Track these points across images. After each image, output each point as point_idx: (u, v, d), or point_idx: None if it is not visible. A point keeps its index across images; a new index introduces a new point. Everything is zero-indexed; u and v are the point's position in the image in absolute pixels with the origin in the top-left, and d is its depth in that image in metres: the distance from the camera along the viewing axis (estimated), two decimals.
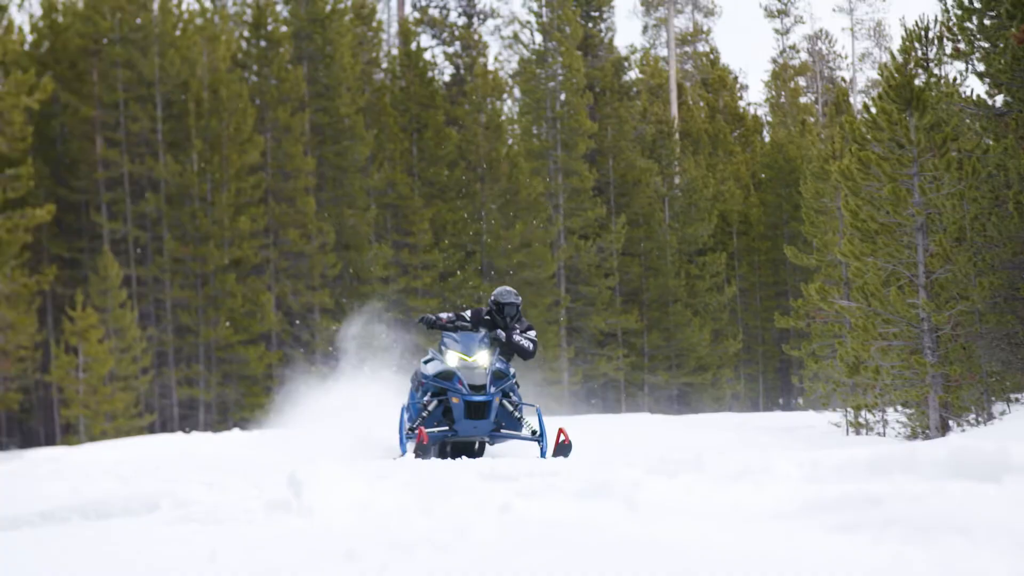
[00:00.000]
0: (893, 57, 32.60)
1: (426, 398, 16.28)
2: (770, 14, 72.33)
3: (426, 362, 16.82)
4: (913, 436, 28.72)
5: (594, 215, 52.35)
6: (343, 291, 47.36)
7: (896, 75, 30.24)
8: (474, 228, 49.90)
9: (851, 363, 29.13)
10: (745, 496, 4.89)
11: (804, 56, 71.06)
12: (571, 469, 7.61)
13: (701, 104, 66.31)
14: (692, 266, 55.68)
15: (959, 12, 28.43)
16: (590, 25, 58.02)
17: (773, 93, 70.98)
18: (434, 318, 17.09)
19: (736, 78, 69.08)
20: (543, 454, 15.77)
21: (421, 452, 15.16)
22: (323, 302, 46.17)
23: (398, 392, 20.18)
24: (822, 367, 35.97)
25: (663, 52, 68.42)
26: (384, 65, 55.58)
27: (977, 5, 28.28)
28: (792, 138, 61.43)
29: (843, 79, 71.41)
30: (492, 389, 16.11)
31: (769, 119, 70.49)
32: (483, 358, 16.25)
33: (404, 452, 16.13)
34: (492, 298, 17.23)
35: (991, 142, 26.45)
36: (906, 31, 33.87)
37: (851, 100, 68.25)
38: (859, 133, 30.00)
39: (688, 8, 70.74)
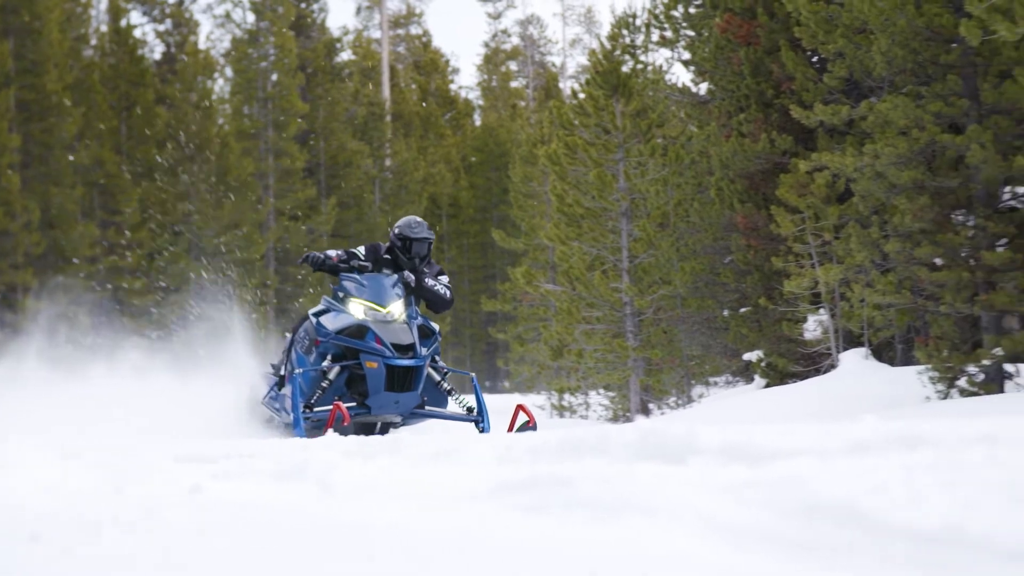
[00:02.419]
0: (601, 44, 32.70)
1: (325, 363, 12.25)
2: None
3: (318, 314, 12.72)
4: (615, 419, 28.75)
5: (304, 196, 51.34)
6: (47, 270, 45.23)
7: (604, 61, 30.30)
8: (183, 208, 48.32)
9: (555, 346, 29.04)
10: (440, 477, 4.90)
11: (516, 41, 71.32)
12: (270, 450, 7.46)
13: (413, 87, 65.84)
14: None
15: (666, 1, 28.56)
16: (303, 5, 56.89)
17: (485, 77, 71.02)
18: (322, 256, 12.84)
19: (448, 61, 68.90)
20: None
21: (340, 433, 10.82)
22: (26, 281, 43.96)
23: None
24: (528, 350, 35.88)
25: (376, 34, 67.71)
26: (93, 42, 53.33)
27: None
28: (503, 122, 61.57)
29: (554, 64, 72.00)
30: (423, 351, 12.20)
31: (480, 103, 70.52)
32: (398, 309, 12.38)
33: (300, 432, 11.81)
34: (395, 231, 13.07)
35: (695, 129, 26.68)
36: (615, 18, 34.04)
37: (561, 85, 68.83)
38: (567, 118, 29.94)
39: None
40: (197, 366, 15.97)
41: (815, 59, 22.04)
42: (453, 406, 12.86)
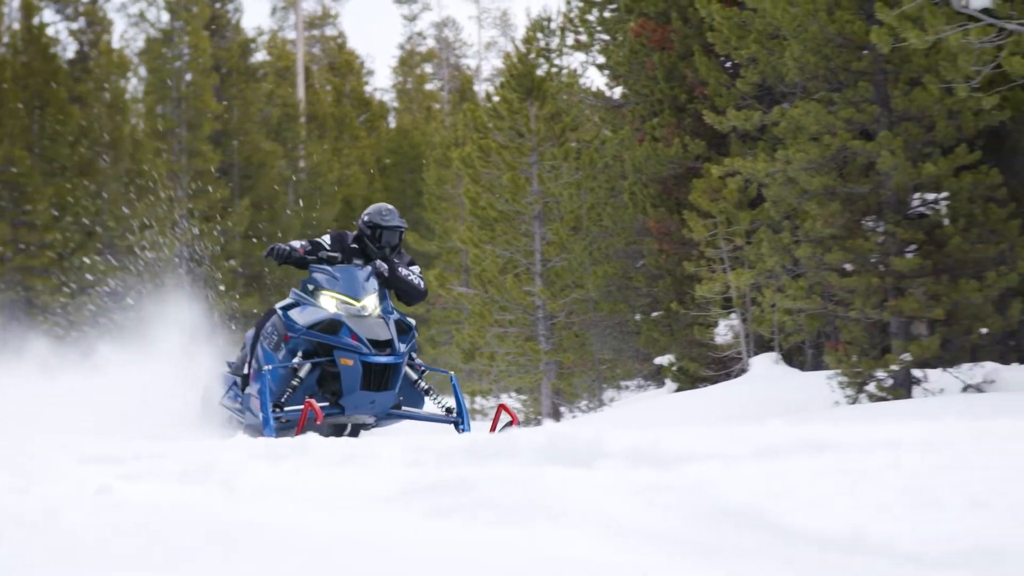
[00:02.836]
0: (516, 47, 32.62)
1: (296, 360, 11.49)
2: (398, 0, 72.05)
3: (286, 308, 11.91)
4: (527, 422, 28.65)
5: (218, 197, 50.83)
6: None
7: (518, 65, 30.20)
8: (96, 207, 47.65)
9: (467, 349, 28.90)
10: (348, 480, 4.90)
11: (431, 43, 71.08)
12: (178, 451, 7.38)
13: (328, 88, 65.41)
14: None
15: (580, 4, 28.58)
16: (217, 5, 56.32)
17: (400, 79, 70.68)
18: (288, 249, 11.90)
19: (363, 63, 68.52)
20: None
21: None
22: None
23: None
24: (440, 352, 35.73)
25: (291, 35, 67.16)
26: (5, 39, 52.45)
27: None
28: (417, 124, 61.34)
29: (469, 67, 71.81)
30: (401, 347, 11.48)
31: (395, 105, 70.20)
32: (373, 302, 11.62)
33: (271, 432, 11.10)
34: (364, 219, 12.18)
35: (609, 133, 26.68)
36: (530, 21, 33.96)
37: (476, 88, 68.68)
38: (481, 121, 29.85)
39: None
40: (132, 364, 14.89)
41: (728, 64, 22.08)
42: (431, 406, 12.22)
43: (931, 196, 17.11)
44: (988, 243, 16.75)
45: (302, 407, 11.13)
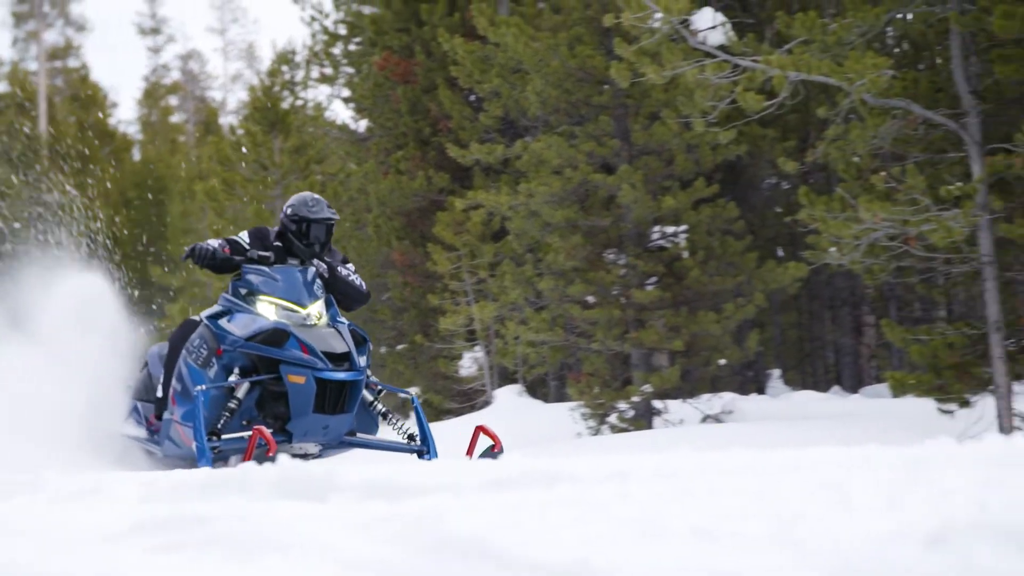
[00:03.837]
0: (261, 80, 31.86)
1: (233, 377, 9.50)
2: (143, 31, 70.06)
3: (215, 316, 9.83)
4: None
5: None
6: None
7: (263, 97, 29.46)
8: None
9: None
10: (79, 517, 4.70)
11: (176, 75, 69.37)
12: None
13: (71, 120, 63.21)
14: None
15: (325, 38, 28.12)
16: None
17: (145, 111, 68.79)
18: (211, 249, 9.76)
19: (107, 95, 66.46)
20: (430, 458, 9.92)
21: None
22: None
23: None
24: None
25: (33, 66, 64.79)
26: None
27: (342, 32, 28.03)
28: (162, 157, 59.70)
29: (214, 100, 70.35)
30: (361, 360, 9.58)
31: (140, 137, 68.29)
32: (319, 309, 9.72)
33: (208, 463, 9.17)
34: (287, 212, 10.00)
35: (354, 166, 26.15)
36: (275, 54, 33.23)
37: (222, 121, 67.28)
38: (226, 154, 29.01)
39: (59, 22, 67.32)
40: None
41: (472, 98, 21.81)
42: (388, 432, 10.30)
43: (671, 229, 17.20)
44: (726, 275, 16.97)
45: (242, 435, 9.37)
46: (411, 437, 10.01)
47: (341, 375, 9.34)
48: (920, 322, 21.23)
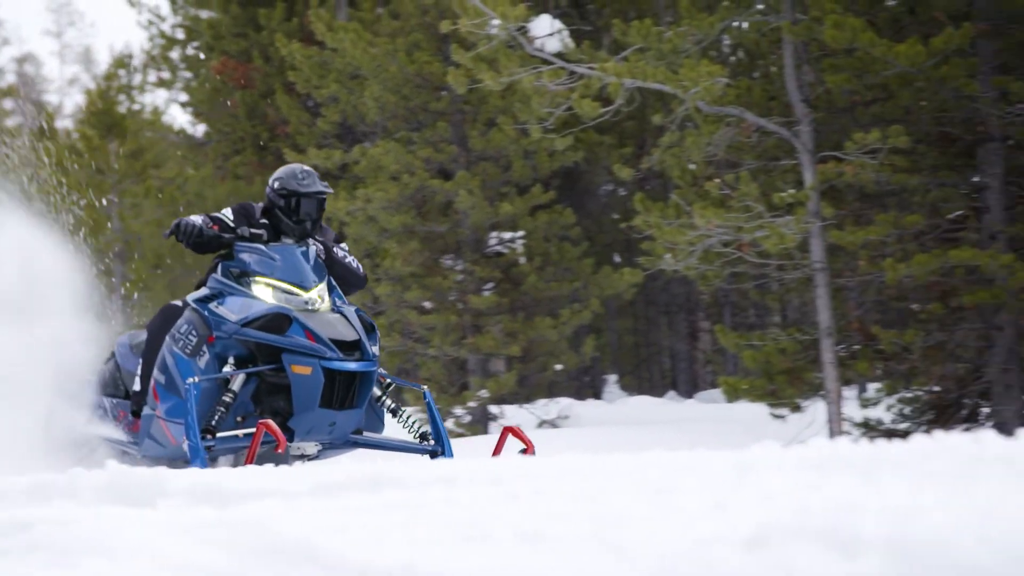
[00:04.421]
0: (98, 83, 31.01)
1: (227, 368, 8.34)
2: None
3: (204, 300, 8.58)
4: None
5: None
6: None
7: (99, 101, 28.63)
8: None
9: None
10: None
11: (11, 78, 67.32)
12: None
13: None
14: None
15: (163, 42, 27.43)
16: None
17: None
18: (198, 225, 8.52)
19: None
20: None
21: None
22: None
23: None
24: None
25: None
26: None
27: (180, 36, 27.36)
28: None
29: (51, 103, 68.42)
30: (373, 349, 8.43)
31: None
32: (323, 293, 8.56)
33: (202, 463, 7.97)
34: (274, 186, 8.79)
35: (191, 171, 25.58)
36: (112, 58, 32.35)
37: (58, 125, 65.45)
38: (62, 158, 28.04)
39: None
40: None
41: (310, 103, 21.37)
42: (398, 429, 9.18)
43: (508, 235, 17.16)
44: (563, 281, 17.04)
45: (237, 433, 8.23)
46: (423, 436, 8.94)
47: (352, 365, 8.19)
48: (754, 328, 21.31)
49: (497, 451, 8.75)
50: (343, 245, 9.11)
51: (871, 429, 13.35)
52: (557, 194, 17.29)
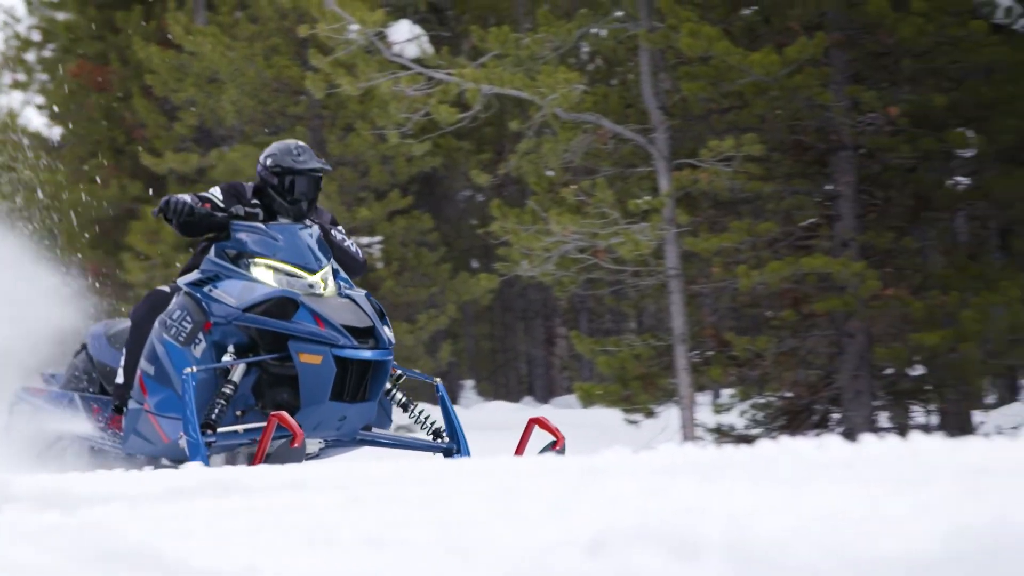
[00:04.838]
0: None
1: (227, 357, 7.55)
2: None
3: (198, 284, 7.77)
4: None
5: None
6: None
7: None
8: None
9: None
10: None
11: None
12: None
13: None
14: None
15: (18, 43, 26.61)
16: None
17: None
18: (189, 203, 7.68)
19: None
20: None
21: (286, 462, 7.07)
22: None
23: None
24: None
25: None
26: None
27: (36, 38, 26.60)
28: None
29: None
30: (388, 335, 7.63)
31: None
32: (328, 276, 7.77)
33: (204, 459, 7.13)
34: (267, 162, 8.04)
35: (46, 173, 24.78)
36: None
37: None
38: None
39: None
40: None
41: (167, 107, 20.93)
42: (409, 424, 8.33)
43: (365, 240, 16.98)
44: (420, 286, 17.08)
45: (237, 428, 7.52)
46: (437, 433, 8.06)
47: (367, 353, 7.40)
48: (611, 334, 21.33)
49: (521, 446, 8.10)
50: (340, 228, 8.37)
51: (724, 435, 13.38)
52: (415, 199, 17.28)
